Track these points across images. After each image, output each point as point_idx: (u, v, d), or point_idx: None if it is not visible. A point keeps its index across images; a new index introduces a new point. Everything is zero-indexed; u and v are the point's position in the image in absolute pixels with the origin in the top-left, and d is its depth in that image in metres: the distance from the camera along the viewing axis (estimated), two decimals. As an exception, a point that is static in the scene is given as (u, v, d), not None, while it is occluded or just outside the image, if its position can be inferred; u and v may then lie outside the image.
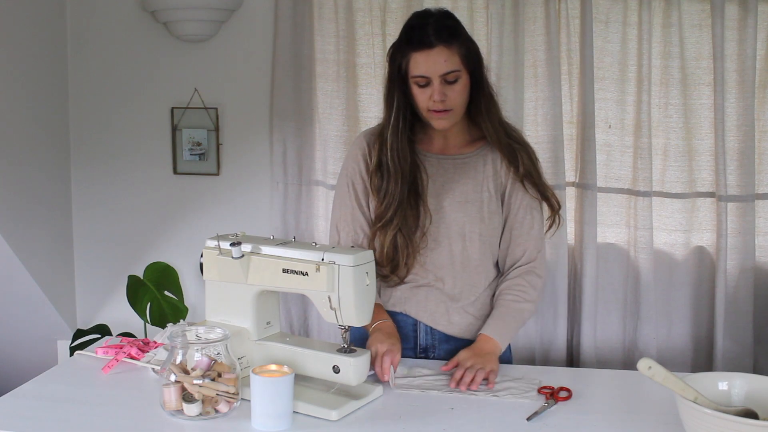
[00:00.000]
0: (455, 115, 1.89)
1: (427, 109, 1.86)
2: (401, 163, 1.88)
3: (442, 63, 1.81)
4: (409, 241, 1.88)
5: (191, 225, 3.28)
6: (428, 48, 1.81)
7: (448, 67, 1.82)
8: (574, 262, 3.06)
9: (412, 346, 1.97)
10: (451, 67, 1.82)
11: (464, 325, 1.95)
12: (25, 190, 3.00)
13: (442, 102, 1.83)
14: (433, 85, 1.82)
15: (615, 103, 3.00)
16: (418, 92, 1.85)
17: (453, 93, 1.84)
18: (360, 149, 1.98)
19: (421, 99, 1.85)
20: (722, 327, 2.94)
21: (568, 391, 1.66)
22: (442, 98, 1.82)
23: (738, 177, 2.94)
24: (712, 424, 1.29)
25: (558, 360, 3.04)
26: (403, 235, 1.87)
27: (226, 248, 1.66)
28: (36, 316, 3.22)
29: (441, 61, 1.81)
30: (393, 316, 1.96)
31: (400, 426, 1.52)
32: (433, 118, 1.88)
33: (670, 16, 2.91)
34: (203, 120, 3.20)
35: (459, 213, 1.92)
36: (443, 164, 1.95)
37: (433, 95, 1.82)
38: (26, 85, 3.01)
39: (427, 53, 1.81)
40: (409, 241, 1.88)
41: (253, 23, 3.15)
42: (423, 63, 1.82)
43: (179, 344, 1.54)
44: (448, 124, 1.90)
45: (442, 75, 1.82)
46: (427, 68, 1.81)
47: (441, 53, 1.81)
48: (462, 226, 1.92)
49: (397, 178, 1.87)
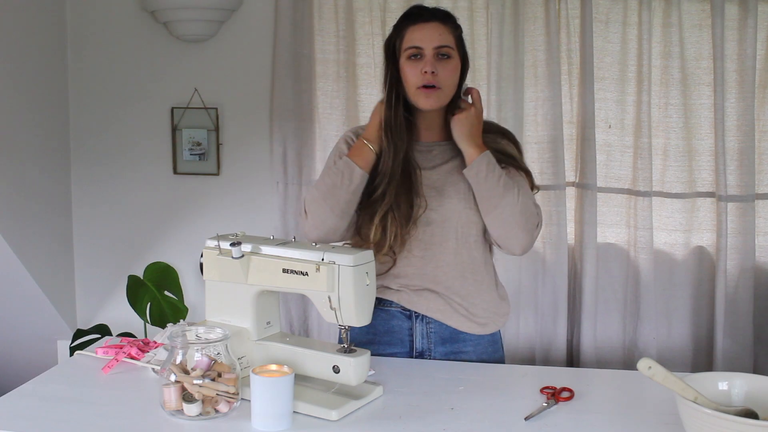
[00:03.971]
0: (443, 95, 1.85)
1: (416, 86, 1.83)
2: (395, 139, 1.85)
3: (437, 36, 1.82)
4: (399, 222, 1.85)
5: (191, 225, 3.28)
6: (424, 21, 1.84)
7: (443, 41, 1.83)
8: (574, 262, 3.06)
9: (407, 349, 1.97)
10: (445, 42, 1.83)
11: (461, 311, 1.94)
12: (25, 190, 3.00)
13: (433, 75, 1.81)
14: (425, 58, 1.82)
15: (615, 103, 3.00)
16: (410, 67, 1.83)
17: (444, 71, 1.83)
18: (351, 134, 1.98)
19: (411, 74, 1.83)
20: (722, 327, 2.94)
21: (570, 392, 1.66)
22: (433, 69, 1.80)
23: (738, 177, 2.94)
24: (712, 424, 1.29)
25: (558, 360, 3.04)
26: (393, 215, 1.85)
27: (226, 248, 1.66)
28: (36, 316, 3.22)
29: (436, 35, 1.83)
30: (387, 312, 1.96)
31: (400, 426, 1.52)
32: (421, 96, 1.84)
33: (670, 16, 2.91)
34: (203, 120, 3.20)
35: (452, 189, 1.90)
36: (432, 150, 1.94)
37: (425, 67, 1.81)
38: (26, 85, 3.01)
39: (422, 25, 1.83)
40: (399, 222, 1.85)
41: (253, 23, 3.15)
42: (418, 34, 1.83)
43: (179, 344, 1.54)
44: (435, 104, 1.85)
45: (436, 47, 1.82)
46: (422, 38, 1.82)
47: (437, 27, 1.83)
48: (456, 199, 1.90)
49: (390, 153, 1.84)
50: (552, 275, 3.01)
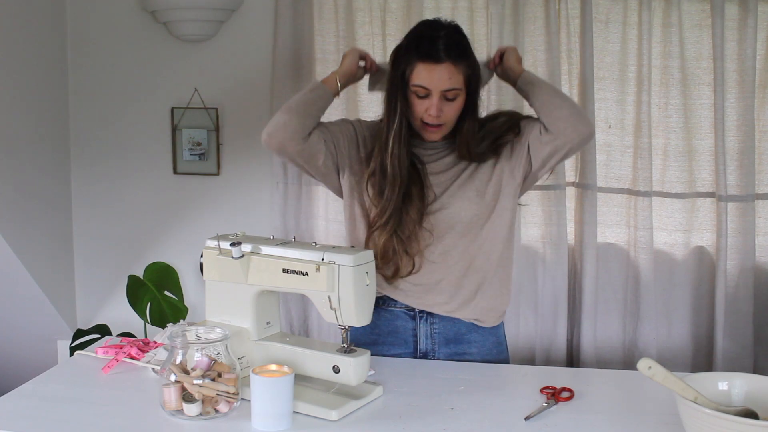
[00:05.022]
0: (446, 129, 1.92)
1: (422, 120, 1.88)
2: (401, 169, 1.88)
3: (446, 80, 1.81)
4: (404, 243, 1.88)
5: (191, 225, 3.28)
6: (435, 62, 1.81)
7: (452, 84, 1.82)
8: (574, 262, 3.06)
9: (411, 350, 1.97)
10: (453, 85, 1.83)
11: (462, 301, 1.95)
12: (25, 190, 3.00)
13: (438, 117, 1.85)
14: (431, 99, 1.83)
15: (615, 103, 3.00)
16: (416, 102, 1.87)
17: (449, 110, 1.86)
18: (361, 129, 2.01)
19: (417, 109, 1.87)
20: (722, 327, 2.94)
21: (570, 392, 1.66)
22: (438, 114, 1.84)
23: (738, 177, 2.94)
24: (712, 424, 1.29)
25: (558, 360, 3.04)
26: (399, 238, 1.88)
27: (226, 248, 1.67)
28: (36, 316, 3.22)
29: (446, 78, 1.81)
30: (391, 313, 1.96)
31: (400, 426, 1.52)
32: (425, 130, 1.91)
33: (670, 16, 2.91)
34: (203, 120, 3.20)
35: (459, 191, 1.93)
36: (437, 148, 1.96)
37: (430, 109, 1.84)
38: (26, 85, 3.01)
39: (433, 67, 1.81)
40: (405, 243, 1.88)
41: (253, 23, 3.15)
42: (427, 75, 1.81)
43: (179, 344, 1.54)
44: (438, 138, 1.93)
45: (444, 91, 1.82)
46: (431, 81, 1.81)
47: (447, 69, 1.81)
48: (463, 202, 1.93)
49: (395, 184, 1.88)
50: (552, 275, 3.01)
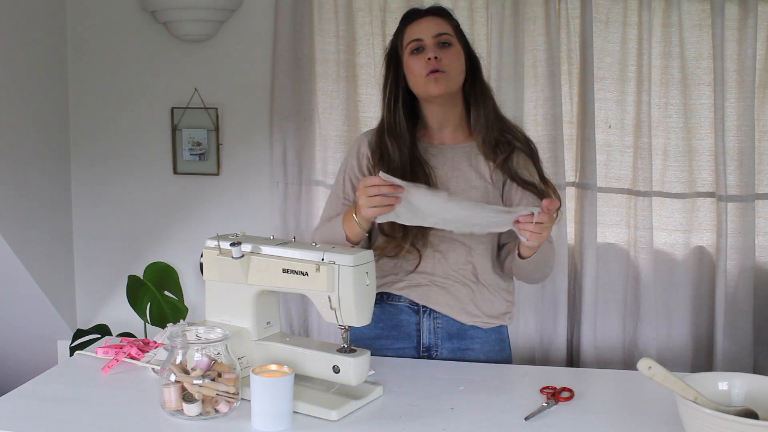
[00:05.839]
0: (450, 80, 1.87)
1: (423, 75, 1.86)
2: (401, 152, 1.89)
3: (434, 26, 1.89)
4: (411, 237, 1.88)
5: (191, 225, 3.28)
6: (420, 17, 1.91)
7: (440, 29, 1.89)
8: (574, 262, 3.06)
9: (414, 344, 1.98)
10: (443, 30, 1.89)
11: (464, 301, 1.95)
12: (25, 190, 3.00)
13: (437, 60, 1.85)
14: (427, 48, 1.87)
15: (615, 103, 3.00)
16: (414, 61, 1.87)
17: (447, 57, 1.87)
18: (360, 147, 1.98)
19: (417, 66, 1.87)
20: (722, 327, 2.94)
21: (570, 392, 1.66)
22: (436, 55, 1.85)
23: (738, 177, 2.94)
24: (712, 424, 1.29)
25: (558, 360, 3.04)
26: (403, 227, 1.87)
27: (226, 248, 1.66)
28: (36, 316, 3.22)
29: (433, 25, 1.89)
30: (395, 307, 1.96)
31: (400, 426, 1.52)
32: (430, 82, 1.85)
33: (670, 16, 2.91)
34: (203, 120, 3.20)
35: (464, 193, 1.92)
36: (444, 153, 1.95)
37: (428, 53, 1.86)
38: (26, 86, 3.01)
39: (419, 21, 1.91)
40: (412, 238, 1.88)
41: (253, 23, 3.15)
42: (416, 28, 1.90)
43: (179, 344, 1.54)
44: (444, 88, 1.86)
45: (435, 36, 1.87)
46: (420, 31, 1.88)
47: (433, 19, 1.91)
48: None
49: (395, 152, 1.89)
50: (552, 275, 3.00)
